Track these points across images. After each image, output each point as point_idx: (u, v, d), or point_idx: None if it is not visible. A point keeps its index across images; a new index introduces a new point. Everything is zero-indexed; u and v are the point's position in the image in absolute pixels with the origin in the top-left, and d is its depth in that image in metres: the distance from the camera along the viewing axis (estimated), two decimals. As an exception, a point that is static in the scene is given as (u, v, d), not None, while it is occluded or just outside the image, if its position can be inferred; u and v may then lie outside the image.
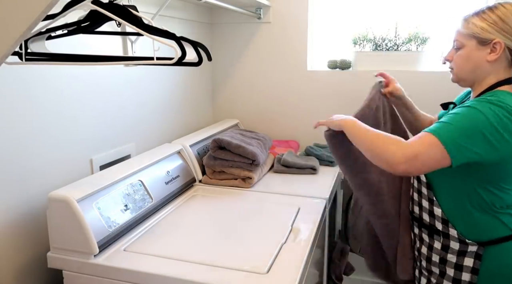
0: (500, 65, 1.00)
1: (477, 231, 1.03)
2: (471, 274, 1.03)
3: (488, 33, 0.99)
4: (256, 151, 1.55)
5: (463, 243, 1.03)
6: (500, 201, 1.01)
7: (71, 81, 1.25)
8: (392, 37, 1.99)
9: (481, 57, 1.01)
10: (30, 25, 0.58)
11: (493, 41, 0.98)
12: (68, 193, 1.03)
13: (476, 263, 1.02)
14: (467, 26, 1.03)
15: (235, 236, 1.15)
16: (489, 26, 0.98)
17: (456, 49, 1.07)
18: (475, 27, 1.00)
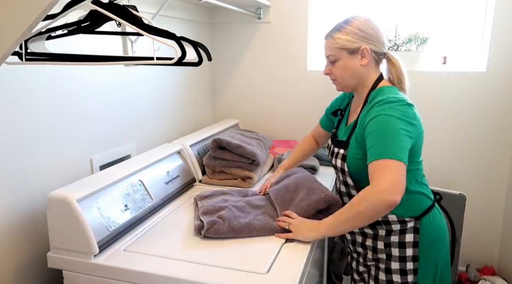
0: (372, 66, 1.19)
1: (411, 208, 1.15)
2: (412, 248, 1.14)
3: (354, 43, 1.15)
4: (256, 151, 1.55)
5: (403, 222, 1.14)
6: (417, 174, 1.17)
7: (71, 81, 1.25)
8: (392, 37, 1.99)
9: (356, 64, 1.17)
10: (30, 25, 0.58)
11: (361, 49, 1.15)
12: (68, 193, 1.03)
13: (416, 236, 1.14)
14: (334, 41, 1.17)
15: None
16: (352, 37, 1.15)
17: (332, 63, 1.21)
18: (342, 41, 1.16)
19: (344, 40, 1.15)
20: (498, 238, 2.03)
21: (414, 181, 1.15)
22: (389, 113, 1.06)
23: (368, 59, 1.16)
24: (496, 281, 1.91)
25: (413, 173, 1.15)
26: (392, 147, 1.01)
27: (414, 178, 1.15)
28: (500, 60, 1.84)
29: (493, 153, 1.94)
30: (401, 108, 1.07)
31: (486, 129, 1.92)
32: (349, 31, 1.15)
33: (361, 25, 1.15)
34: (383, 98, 1.10)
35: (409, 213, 1.15)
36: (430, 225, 1.16)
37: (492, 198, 1.99)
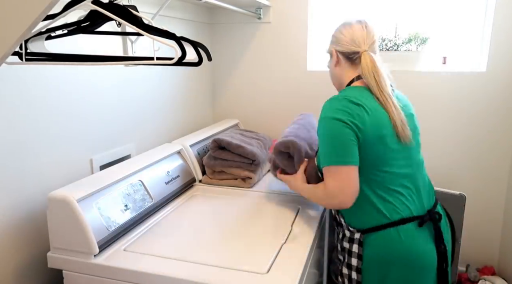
0: (344, 66, 1.22)
1: (357, 219, 1.13)
2: (357, 259, 1.13)
3: (329, 47, 1.28)
4: (256, 151, 1.55)
5: (350, 231, 1.16)
6: (378, 184, 1.10)
7: (71, 81, 1.25)
8: (392, 37, 1.99)
9: (331, 66, 1.27)
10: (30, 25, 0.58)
11: (331, 51, 1.25)
12: (68, 193, 1.03)
13: (360, 249, 1.12)
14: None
15: (235, 236, 1.15)
16: (329, 43, 1.28)
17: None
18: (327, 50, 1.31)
19: (327, 48, 1.30)
20: (498, 238, 2.03)
21: (371, 191, 1.09)
22: (329, 114, 1.07)
23: (335, 60, 1.23)
24: (496, 281, 1.91)
25: (373, 181, 1.09)
26: (333, 153, 1.05)
27: (372, 187, 1.09)
28: (500, 60, 1.84)
29: (493, 153, 1.94)
30: (343, 107, 1.07)
31: (486, 129, 1.92)
32: (331, 39, 1.27)
33: (335, 31, 1.26)
34: (333, 96, 1.15)
35: (355, 223, 1.14)
36: (377, 244, 1.09)
37: (492, 198, 1.99)
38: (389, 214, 1.08)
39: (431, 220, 1.11)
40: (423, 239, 1.09)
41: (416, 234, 1.09)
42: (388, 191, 1.09)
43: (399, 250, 1.08)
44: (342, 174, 1.04)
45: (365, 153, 1.06)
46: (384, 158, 1.08)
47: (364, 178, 1.08)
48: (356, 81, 1.19)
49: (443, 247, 1.11)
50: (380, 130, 1.06)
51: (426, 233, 1.10)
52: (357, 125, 1.04)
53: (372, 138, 1.06)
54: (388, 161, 1.09)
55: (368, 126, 1.05)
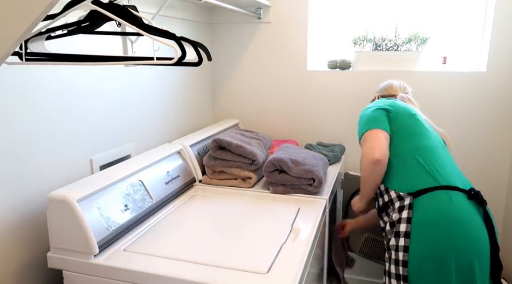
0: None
1: (406, 182, 1.24)
2: (406, 224, 1.18)
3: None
4: (256, 151, 1.55)
5: (400, 199, 1.23)
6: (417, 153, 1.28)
7: (71, 81, 1.25)
8: (392, 37, 1.99)
9: None
10: (30, 25, 0.58)
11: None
12: (68, 193, 1.03)
13: (410, 212, 1.18)
14: None
15: (235, 236, 1.15)
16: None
17: None
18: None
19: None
20: (498, 238, 2.03)
21: (411, 157, 1.27)
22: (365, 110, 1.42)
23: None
24: (496, 281, 1.90)
25: (412, 150, 1.27)
26: (364, 124, 1.33)
27: (411, 154, 1.27)
28: (500, 60, 1.84)
29: (493, 153, 1.94)
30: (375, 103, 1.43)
31: (486, 129, 1.92)
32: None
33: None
34: None
35: (405, 187, 1.23)
36: (426, 206, 1.16)
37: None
38: (440, 178, 1.20)
39: (479, 200, 1.16)
40: (475, 213, 1.13)
41: (467, 203, 1.14)
42: (436, 161, 1.25)
43: (450, 212, 1.12)
44: (372, 136, 1.28)
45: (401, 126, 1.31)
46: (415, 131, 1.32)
47: (412, 145, 1.28)
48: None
49: (493, 232, 1.14)
50: (410, 111, 1.37)
51: (476, 211, 1.15)
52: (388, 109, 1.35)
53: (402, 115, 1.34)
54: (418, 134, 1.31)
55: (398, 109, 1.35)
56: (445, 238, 1.11)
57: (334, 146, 1.97)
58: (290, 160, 1.45)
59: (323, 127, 2.15)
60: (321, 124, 2.15)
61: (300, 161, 1.46)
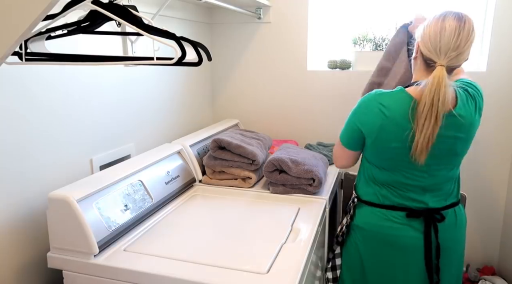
0: (419, 66, 1.17)
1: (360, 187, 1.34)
2: (349, 219, 1.33)
3: (417, 35, 1.16)
4: (256, 151, 1.55)
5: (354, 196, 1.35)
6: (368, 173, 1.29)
7: (71, 81, 1.25)
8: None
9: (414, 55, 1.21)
10: (30, 25, 0.58)
11: (417, 42, 1.15)
12: (68, 193, 1.03)
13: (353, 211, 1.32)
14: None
15: (235, 236, 1.15)
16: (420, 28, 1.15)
17: None
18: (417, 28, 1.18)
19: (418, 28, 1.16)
20: (498, 238, 2.03)
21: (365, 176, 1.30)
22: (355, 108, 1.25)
23: (416, 53, 1.17)
24: (496, 281, 1.91)
25: (366, 169, 1.29)
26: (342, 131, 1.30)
27: (366, 174, 1.30)
28: (500, 60, 1.84)
29: (493, 153, 1.94)
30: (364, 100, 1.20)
31: (486, 129, 1.92)
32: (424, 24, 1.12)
33: (427, 25, 1.10)
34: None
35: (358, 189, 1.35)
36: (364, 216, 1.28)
37: (492, 198, 1.99)
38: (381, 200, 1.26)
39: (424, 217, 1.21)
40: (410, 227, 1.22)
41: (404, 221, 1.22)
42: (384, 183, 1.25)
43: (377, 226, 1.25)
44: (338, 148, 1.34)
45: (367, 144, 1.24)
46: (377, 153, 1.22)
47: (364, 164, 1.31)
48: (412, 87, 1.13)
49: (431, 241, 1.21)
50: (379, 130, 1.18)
51: (416, 223, 1.22)
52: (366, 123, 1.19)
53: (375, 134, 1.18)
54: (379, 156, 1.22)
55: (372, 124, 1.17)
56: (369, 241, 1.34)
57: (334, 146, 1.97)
58: (290, 160, 1.45)
59: (323, 127, 2.15)
60: (321, 124, 2.15)
61: (300, 161, 1.46)
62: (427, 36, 1.09)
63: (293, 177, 1.44)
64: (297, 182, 1.45)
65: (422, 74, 1.16)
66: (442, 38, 1.06)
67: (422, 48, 1.11)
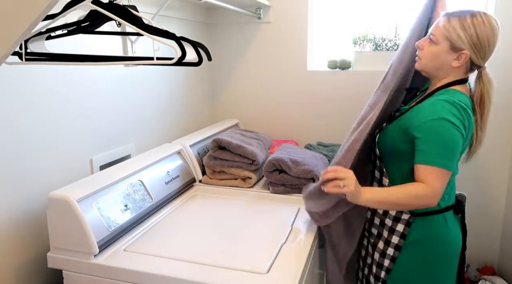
0: (460, 71, 1.13)
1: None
2: (399, 238, 1.18)
3: (461, 43, 1.07)
4: (256, 151, 1.55)
5: (399, 211, 1.18)
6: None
7: (71, 81, 1.25)
8: (392, 37, 1.99)
9: (448, 60, 1.10)
10: (30, 25, 0.58)
11: (462, 51, 1.07)
12: (68, 193, 1.03)
13: (406, 229, 1.17)
14: (447, 27, 1.08)
15: (235, 236, 1.15)
16: (465, 37, 1.06)
17: (430, 42, 1.13)
18: (454, 33, 1.07)
19: (456, 34, 1.07)
20: (498, 238, 2.03)
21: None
22: (450, 119, 1.03)
23: (461, 64, 1.10)
24: (496, 281, 1.91)
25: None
26: (449, 158, 1.04)
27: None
28: (500, 60, 1.84)
29: (493, 153, 1.94)
30: (462, 115, 1.05)
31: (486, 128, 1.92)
32: (467, 28, 1.06)
33: (482, 32, 1.06)
34: (448, 97, 1.06)
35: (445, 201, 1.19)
36: (424, 228, 1.16)
37: (492, 198, 1.99)
38: (441, 202, 1.16)
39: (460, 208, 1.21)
40: (457, 225, 1.21)
41: (454, 219, 1.19)
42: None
43: (444, 233, 1.17)
44: (445, 178, 1.06)
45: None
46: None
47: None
48: (462, 86, 1.13)
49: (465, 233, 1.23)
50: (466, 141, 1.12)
51: (457, 219, 1.22)
52: (467, 135, 1.08)
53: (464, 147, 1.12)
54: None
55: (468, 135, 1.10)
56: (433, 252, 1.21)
57: (334, 146, 1.97)
58: (290, 160, 1.45)
59: (323, 127, 2.15)
60: (321, 124, 2.15)
61: (300, 161, 1.46)
62: (486, 45, 1.08)
63: (293, 177, 1.44)
64: (297, 182, 1.45)
65: (460, 73, 1.13)
66: (495, 44, 1.10)
67: (476, 56, 1.09)
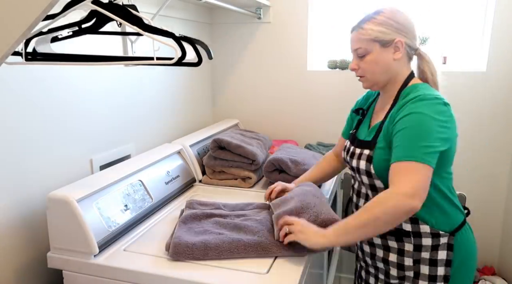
0: (404, 61, 1.09)
1: (446, 220, 1.06)
2: (445, 267, 1.05)
3: (388, 35, 1.05)
4: (256, 151, 1.55)
5: (436, 236, 1.04)
6: (449, 183, 1.09)
7: (71, 81, 1.25)
8: (392, 37, 1.99)
9: (388, 58, 1.07)
10: (30, 25, 0.58)
11: (395, 41, 1.05)
12: (68, 193, 1.02)
13: (449, 254, 1.05)
14: (365, 33, 1.06)
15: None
16: (386, 28, 1.04)
17: (361, 57, 1.09)
18: (374, 32, 1.05)
19: (377, 31, 1.04)
20: (498, 238, 2.03)
21: (447, 190, 1.07)
22: (424, 111, 0.97)
23: (402, 53, 1.06)
24: (496, 281, 1.91)
25: (446, 181, 1.07)
26: (421, 149, 0.93)
27: (447, 186, 1.07)
28: (500, 60, 1.84)
29: (493, 153, 1.94)
30: (438, 107, 0.99)
31: (486, 128, 1.92)
32: (382, 22, 1.04)
33: (394, 16, 1.05)
34: (418, 95, 1.01)
35: (443, 226, 1.05)
36: (463, 242, 1.07)
37: (492, 198, 1.99)
38: (461, 209, 1.11)
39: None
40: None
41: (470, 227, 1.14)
42: (453, 188, 1.10)
43: (475, 244, 1.12)
44: (422, 173, 0.92)
45: (446, 152, 1.00)
46: (453, 156, 1.06)
47: (440, 177, 1.04)
48: (416, 79, 1.11)
49: None
50: (457, 130, 1.05)
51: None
52: (448, 127, 0.99)
53: (454, 137, 1.03)
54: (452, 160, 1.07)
55: (454, 126, 1.02)
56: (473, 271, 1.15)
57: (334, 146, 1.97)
58: (290, 160, 1.45)
59: (323, 127, 2.15)
60: (321, 124, 2.15)
61: (300, 161, 1.46)
62: (409, 24, 1.06)
63: (293, 177, 1.44)
64: None
65: (406, 68, 1.11)
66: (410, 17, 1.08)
67: (409, 39, 1.06)
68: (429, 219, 1.05)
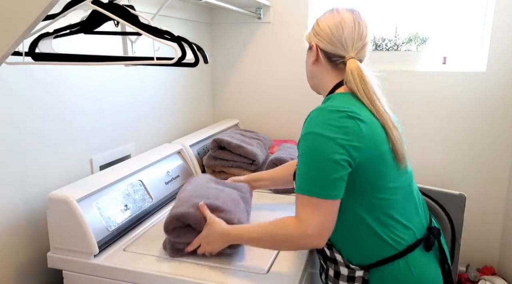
0: (326, 68, 1.02)
1: (360, 253, 0.93)
2: None
3: (309, 38, 1.05)
4: (256, 151, 1.55)
5: (350, 268, 0.94)
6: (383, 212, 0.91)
7: (71, 81, 1.25)
8: (392, 37, 1.99)
9: (309, 61, 1.06)
10: (30, 25, 0.58)
11: (312, 44, 1.03)
12: (68, 193, 1.03)
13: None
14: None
15: (235, 236, 1.14)
16: (311, 31, 1.04)
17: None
18: (306, 33, 1.07)
19: (307, 33, 1.06)
20: (498, 238, 2.03)
21: (375, 219, 0.90)
22: (316, 130, 0.86)
23: (315, 57, 1.02)
24: (496, 281, 1.91)
25: (377, 207, 0.90)
26: (319, 182, 0.84)
27: (376, 214, 0.90)
28: (500, 60, 1.84)
29: (493, 153, 1.94)
30: (336, 121, 0.86)
31: (486, 128, 1.92)
32: (314, 25, 1.03)
33: (324, 19, 1.00)
34: (319, 107, 0.91)
35: (358, 259, 0.93)
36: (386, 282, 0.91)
37: (492, 198, 1.99)
38: (395, 243, 0.90)
39: (435, 239, 0.96)
40: (430, 264, 0.96)
41: (424, 261, 0.94)
42: (389, 216, 0.91)
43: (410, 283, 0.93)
44: (326, 209, 0.85)
45: (363, 174, 0.87)
46: (385, 178, 0.90)
47: (364, 204, 0.90)
48: (343, 88, 0.98)
49: (447, 267, 0.98)
50: (380, 147, 0.88)
51: (431, 255, 0.97)
52: (354, 146, 0.85)
53: (371, 157, 0.87)
54: (388, 181, 0.90)
55: (366, 144, 0.86)
56: None
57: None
58: (292, 160, 1.45)
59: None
60: (321, 124, 2.14)
61: None
62: (327, 30, 0.97)
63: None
64: None
65: (332, 75, 1.01)
66: (344, 29, 0.96)
67: (324, 44, 0.98)
68: (342, 248, 0.95)
